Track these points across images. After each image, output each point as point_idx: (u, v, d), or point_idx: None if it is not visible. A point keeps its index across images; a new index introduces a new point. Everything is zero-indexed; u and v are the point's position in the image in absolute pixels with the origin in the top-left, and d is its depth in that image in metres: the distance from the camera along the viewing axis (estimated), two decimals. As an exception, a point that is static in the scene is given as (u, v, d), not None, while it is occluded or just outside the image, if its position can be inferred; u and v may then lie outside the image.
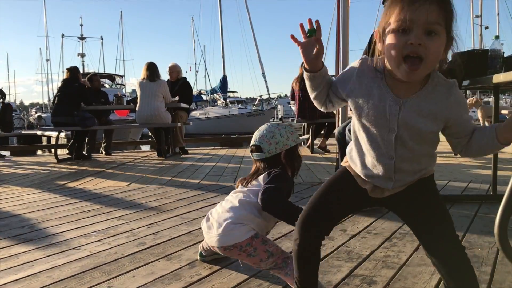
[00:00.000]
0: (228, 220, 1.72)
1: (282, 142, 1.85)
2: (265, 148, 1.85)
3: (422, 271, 1.90)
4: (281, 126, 1.91)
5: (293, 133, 1.90)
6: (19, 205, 3.58)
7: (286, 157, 1.87)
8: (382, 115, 1.24)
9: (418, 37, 1.11)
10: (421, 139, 1.26)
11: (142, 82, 6.73)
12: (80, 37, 48.80)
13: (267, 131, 1.87)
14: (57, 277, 1.96)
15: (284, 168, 1.86)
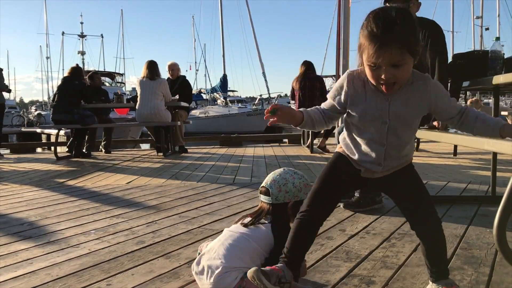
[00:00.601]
0: (219, 269, 1.63)
1: (293, 193, 1.77)
2: (274, 194, 1.77)
3: (420, 272, 1.90)
4: (297, 175, 1.82)
5: (307, 185, 1.81)
6: (19, 202, 3.59)
7: (293, 208, 1.75)
8: (375, 110, 1.47)
9: (387, 74, 1.35)
10: (408, 126, 1.50)
11: (142, 80, 6.74)
12: (80, 35, 48.75)
13: (280, 177, 1.80)
14: (56, 274, 1.97)
15: (287, 218, 1.78)
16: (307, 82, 6.78)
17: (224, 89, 28.82)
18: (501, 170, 4.15)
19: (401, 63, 1.34)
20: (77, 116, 6.75)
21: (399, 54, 1.32)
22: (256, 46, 27.27)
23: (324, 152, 6.87)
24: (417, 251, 2.17)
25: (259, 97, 28.66)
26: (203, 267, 1.69)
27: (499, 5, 36.97)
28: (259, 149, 8.02)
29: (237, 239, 1.70)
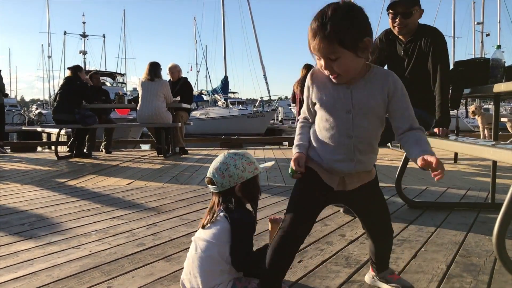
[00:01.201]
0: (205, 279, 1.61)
1: (236, 175, 1.69)
2: (218, 182, 1.71)
3: (419, 278, 1.91)
4: (238, 156, 1.75)
5: (250, 163, 1.74)
6: (19, 202, 3.60)
7: (242, 191, 1.70)
8: (337, 99, 1.50)
9: (325, 66, 1.43)
10: (372, 115, 1.50)
11: (144, 81, 6.76)
12: (82, 34, 48.78)
13: (221, 163, 1.73)
14: (57, 276, 1.98)
15: (241, 202, 1.73)
16: None
17: (225, 90, 28.83)
18: (500, 177, 4.16)
19: (335, 56, 1.40)
20: (78, 116, 6.77)
21: (326, 47, 1.38)
22: (258, 48, 27.32)
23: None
24: (416, 257, 2.18)
25: (260, 99, 28.71)
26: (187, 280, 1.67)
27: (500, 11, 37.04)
28: (259, 151, 8.03)
29: (205, 250, 1.64)
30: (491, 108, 20.97)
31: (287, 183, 4.41)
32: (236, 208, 1.69)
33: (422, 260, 2.15)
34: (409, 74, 3.13)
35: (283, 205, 3.35)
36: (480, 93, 2.85)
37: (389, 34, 3.25)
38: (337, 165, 1.53)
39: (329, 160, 1.53)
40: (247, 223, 1.68)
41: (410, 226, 2.77)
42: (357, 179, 1.58)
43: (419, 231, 2.66)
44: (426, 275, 1.95)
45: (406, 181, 4.11)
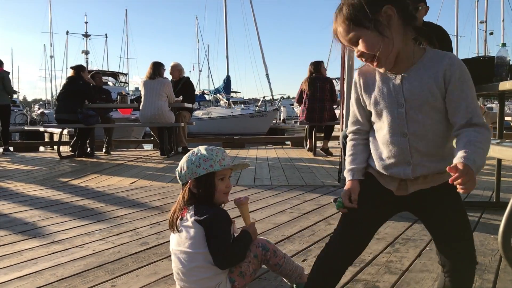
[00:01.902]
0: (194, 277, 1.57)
1: (190, 169, 1.63)
2: (178, 174, 1.68)
3: (424, 277, 1.90)
4: (198, 151, 1.68)
5: (206, 160, 1.64)
6: (23, 201, 3.60)
7: (196, 187, 1.64)
8: (387, 93, 1.32)
9: (357, 54, 1.31)
10: (428, 107, 1.29)
11: (146, 81, 6.76)
12: (84, 34, 48.82)
13: (186, 157, 1.68)
14: (61, 275, 1.97)
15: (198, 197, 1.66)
16: (319, 83, 6.76)
17: (227, 90, 28.81)
18: (505, 176, 4.15)
19: (355, 38, 1.28)
20: (80, 115, 6.77)
21: (347, 30, 1.28)
22: (260, 48, 27.28)
23: (327, 155, 6.86)
24: (421, 256, 2.17)
25: (262, 98, 28.66)
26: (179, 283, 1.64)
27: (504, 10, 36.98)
28: (262, 151, 8.02)
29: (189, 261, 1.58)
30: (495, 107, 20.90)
31: (290, 183, 4.40)
32: (203, 206, 1.64)
33: (427, 259, 2.14)
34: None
35: (286, 205, 3.34)
36: (485, 91, 2.83)
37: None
38: (391, 171, 1.34)
39: (383, 165, 1.35)
40: (218, 218, 1.62)
41: (414, 225, 2.76)
42: (422, 181, 1.33)
43: (423, 229, 2.65)
44: (431, 274, 1.94)
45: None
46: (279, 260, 1.66)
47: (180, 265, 1.60)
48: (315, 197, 3.64)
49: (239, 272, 1.60)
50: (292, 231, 2.65)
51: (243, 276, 1.60)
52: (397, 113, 1.30)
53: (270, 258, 1.64)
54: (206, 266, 1.57)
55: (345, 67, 4.08)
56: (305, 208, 3.21)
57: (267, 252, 1.64)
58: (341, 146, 3.35)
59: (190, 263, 1.58)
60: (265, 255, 1.64)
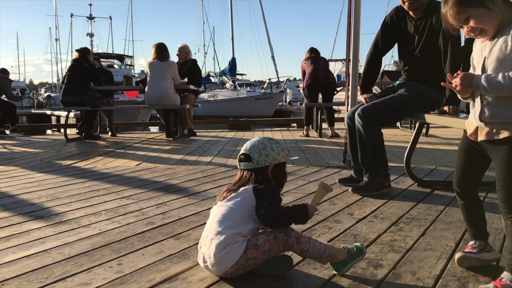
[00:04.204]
0: (217, 248, 1.65)
1: (272, 156, 1.79)
2: (255, 158, 1.79)
3: (428, 256, 1.91)
4: (273, 141, 1.85)
5: (283, 149, 1.85)
6: (30, 183, 3.63)
7: (273, 172, 1.81)
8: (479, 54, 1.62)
9: (466, 31, 1.59)
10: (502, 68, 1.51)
11: (152, 62, 6.74)
12: (89, 16, 48.56)
13: (258, 143, 1.82)
14: (68, 253, 2.00)
15: (268, 181, 1.81)
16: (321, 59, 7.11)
17: (233, 72, 28.71)
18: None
19: (465, 17, 1.54)
20: (86, 98, 6.78)
21: (458, 10, 1.55)
22: (266, 29, 27.04)
23: (333, 137, 6.85)
24: (425, 235, 2.18)
25: (268, 80, 28.54)
26: (203, 256, 1.71)
27: None
28: (268, 133, 8.02)
29: (223, 211, 1.73)
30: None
31: (295, 164, 4.39)
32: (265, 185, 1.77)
33: (431, 238, 2.15)
34: (419, 52, 3.09)
35: (291, 185, 3.35)
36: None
37: (399, 11, 3.20)
38: (471, 112, 1.65)
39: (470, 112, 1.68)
40: (272, 188, 1.78)
41: (419, 204, 2.76)
42: (489, 131, 1.59)
43: (428, 209, 2.66)
44: (435, 253, 1.95)
45: (415, 161, 4.08)
46: (303, 246, 1.68)
47: (212, 216, 1.76)
48: (320, 178, 3.65)
49: (254, 243, 1.65)
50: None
51: (256, 248, 1.65)
52: (480, 70, 1.59)
53: (292, 244, 1.68)
54: (237, 223, 1.68)
55: (350, 48, 4.05)
56: (310, 189, 3.22)
57: (289, 239, 1.67)
58: (346, 127, 3.34)
59: (223, 213, 1.72)
60: (286, 241, 1.67)
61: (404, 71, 3.28)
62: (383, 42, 3.31)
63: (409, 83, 3.16)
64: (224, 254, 1.63)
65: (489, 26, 1.53)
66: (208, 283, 1.68)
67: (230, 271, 1.66)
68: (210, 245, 1.68)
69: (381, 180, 3.05)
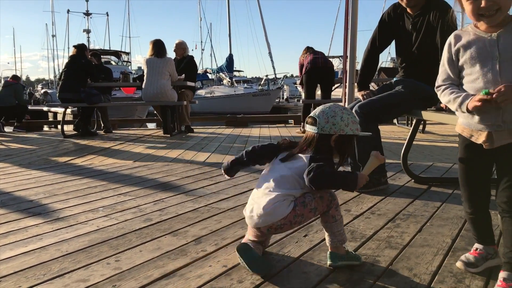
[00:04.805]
0: (269, 200, 1.69)
1: (339, 125, 1.72)
2: (321, 124, 1.73)
3: (425, 252, 1.92)
4: (346, 111, 1.78)
5: (355, 122, 1.76)
6: (27, 179, 3.63)
7: (337, 142, 1.72)
8: (483, 48, 1.51)
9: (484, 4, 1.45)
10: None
11: (149, 59, 6.72)
12: (85, 13, 48.38)
13: (330, 109, 1.76)
14: (65, 250, 2.01)
15: (331, 153, 1.75)
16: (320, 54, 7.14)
17: (230, 69, 28.65)
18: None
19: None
20: (83, 94, 6.77)
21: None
22: (263, 25, 26.99)
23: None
24: (422, 232, 2.19)
25: (265, 77, 28.51)
26: (252, 206, 1.76)
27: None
28: (265, 129, 8.02)
29: (281, 172, 1.75)
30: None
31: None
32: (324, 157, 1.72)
33: (428, 234, 2.16)
34: (417, 49, 3.09)
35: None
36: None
37: (397, 8, 3.20)
38: (483, 117, 1.51)
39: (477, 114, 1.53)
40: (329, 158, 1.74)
41: (416, 201, 2.77)
42: (508, 134, 1.50)
43: (424, 206, 2.67)
44: (432, 249, 1.96)
45: (412, 158, 4.10)
46: (337, 214, 1.76)
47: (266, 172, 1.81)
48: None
49: (302, 201, 1.71)
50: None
51: (304, 205, 1.70)
52: (492, 65, 1.48)
53: (332, 207, 1.75)
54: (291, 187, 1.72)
55: (348, 45, 4.05)
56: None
57: (333, 200, 1.75)
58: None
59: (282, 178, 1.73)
60: (331, 202, 1.74)
61: (401, 68, 3.29)
62: (381, 39, 3.31)
63: (406, 80, 3.16)
64: (274, 208, 1.68)
65: (507, 7, 1.46)
66: (206, 279, 1.68)
67: (276, 225, 1.71)
68: (262, 197, 1.72)
69: (378, 177, 3.06)
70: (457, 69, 1.62)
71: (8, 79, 9.61)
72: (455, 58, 1.60)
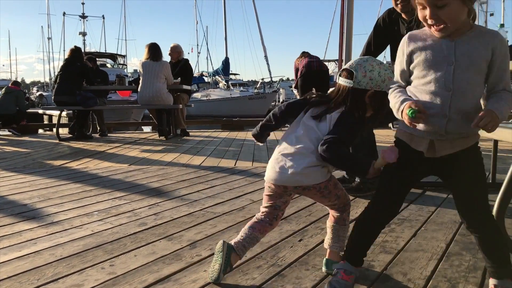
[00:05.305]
0: (307, 161, 1.62)
1: (376, 81, 1.64)
2: (357, 78, 1.64)
3: (419, 257, 1.93)
4: (384, 66, 1.69)
5: (391, 79, 1.66)
6: (21, 183, 3.61)
7: (372, 98, 1.63)
8: (439, 52, 1.45)
9: (430, 14, 1.40)
10: (475, 70, 1.43)
11: (145, 62, 6.71)
12: (81, 15, 48.29)
13: (367, 63, 1.66)
14: (60, 254, 2.00)
15: (364, 110, 1.66)
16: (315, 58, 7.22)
17: (226, 72, 28.68)
18: (501, 158, 4.16)
19: (442, 3, 1.37)
20: (79, 97, 6.75)
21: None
22: (259, 29, 27.06)
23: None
24: (416, 236, 2.20)
25: (261, 80, 28.56)
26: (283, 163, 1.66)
27: (505, -10, 36.58)
28: (261, 133, 8.00)
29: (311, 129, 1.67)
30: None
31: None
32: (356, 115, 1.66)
33: (422, 239, 2.17)
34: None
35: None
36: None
37: (392, 13, 3.21)
38: (426, 124, 1.44)
39: None
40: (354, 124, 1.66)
41: (410, 205, 2.78)
42: (450, 145, 1.47)
43: (419, 210, 2.68)
44: (426, 254, 1.96)
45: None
46: (348, 220, 1.79)
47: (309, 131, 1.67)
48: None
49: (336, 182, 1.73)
50: (289, 211, 2.67)
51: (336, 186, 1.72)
52: (446, 70, 1.43)
53: (346, 210, 1.79)
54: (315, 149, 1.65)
55: (343, 49, 4.07)
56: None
57: (348, 203, 1.78)
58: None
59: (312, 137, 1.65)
60: (347, 203, 1.78)
61: (396, 72, 3.30)
62: (376, 44, 3.32)
63: (401, 85, 3.17)
64: (312, 171, 1.63)
65: (455, 22, 1.41)
66: (201, 284, 1.68)
67: (305, 187, 1.67)
68: (297, 155, 1.65)
69: (373, 181, 3.06)
70: (407, 71, 1.54)
71: (9, 85, 9.55)
72: (408, 59, 1.52)
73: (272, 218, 1.74)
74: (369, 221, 1.63)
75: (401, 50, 1.55)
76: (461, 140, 1.47)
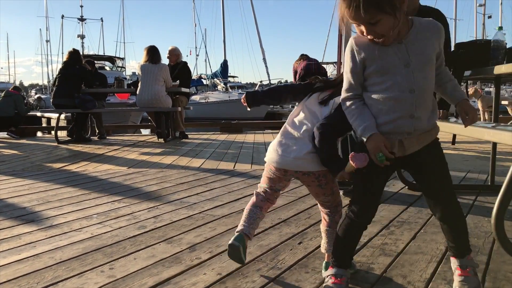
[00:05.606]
0: (310, 146, 1.62)
1: None
2: None
3: (419, 259, 1.93)
4: None
5: None
6: (20, 186, 3.61)
7: None
8: (393, 56, 1.45)
9: (367, 31, 1.42)
10: (430, 65, 1.48)
11: (144, 65, 6.72)
12: (80, 18, 48.30)
13: None
14: (59, 258, 2.00)
15: None
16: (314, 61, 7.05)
17: (225, 74, 28.67)
18: (500, 160, 4.17)
19: (375, 20, 1.38)
20: (77, 100, 6.75)
21: (368, 14, 1.36)
22: (257, 31, 27.01)
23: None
24: (416, 239, 2.20)
25: (260, 83, 28.55)
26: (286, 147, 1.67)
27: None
28: (259, 135, 8.03)
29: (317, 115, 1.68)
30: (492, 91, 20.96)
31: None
32: None
33: (422, 241, 2.17)
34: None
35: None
36: (480, 75, 2.84)
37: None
38: (395, 124, 1.46)
39: (387, 122, 1.47)
40: None
41: (409, 208, 2.79)
42: (416, 141, 1.51)
43: (418, 213, 2.68)
44: (425, 256, 1.97)
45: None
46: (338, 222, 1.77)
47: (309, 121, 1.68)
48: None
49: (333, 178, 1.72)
50: (289, 214, 2.67)
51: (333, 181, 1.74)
52: (405, 72, 1.44)
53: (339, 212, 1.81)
54: None
55: (342, 51, 4.07)
56: (302, 192, 3.24)
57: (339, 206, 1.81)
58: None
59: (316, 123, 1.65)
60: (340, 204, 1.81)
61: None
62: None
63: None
64: (314, 157, 1.62)
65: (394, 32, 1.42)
66: (201, 287, 1.68)
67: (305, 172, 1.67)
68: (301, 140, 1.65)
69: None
70: (360, 79, 1.52)
71: (9, 89, 9.60)
72: (361, 66, 1.50)
73: (273, 198, 1.82)
74: (351, 225, 1.63)
75: (351, 56, 1.51)
76: (426, 135, 1.53)
